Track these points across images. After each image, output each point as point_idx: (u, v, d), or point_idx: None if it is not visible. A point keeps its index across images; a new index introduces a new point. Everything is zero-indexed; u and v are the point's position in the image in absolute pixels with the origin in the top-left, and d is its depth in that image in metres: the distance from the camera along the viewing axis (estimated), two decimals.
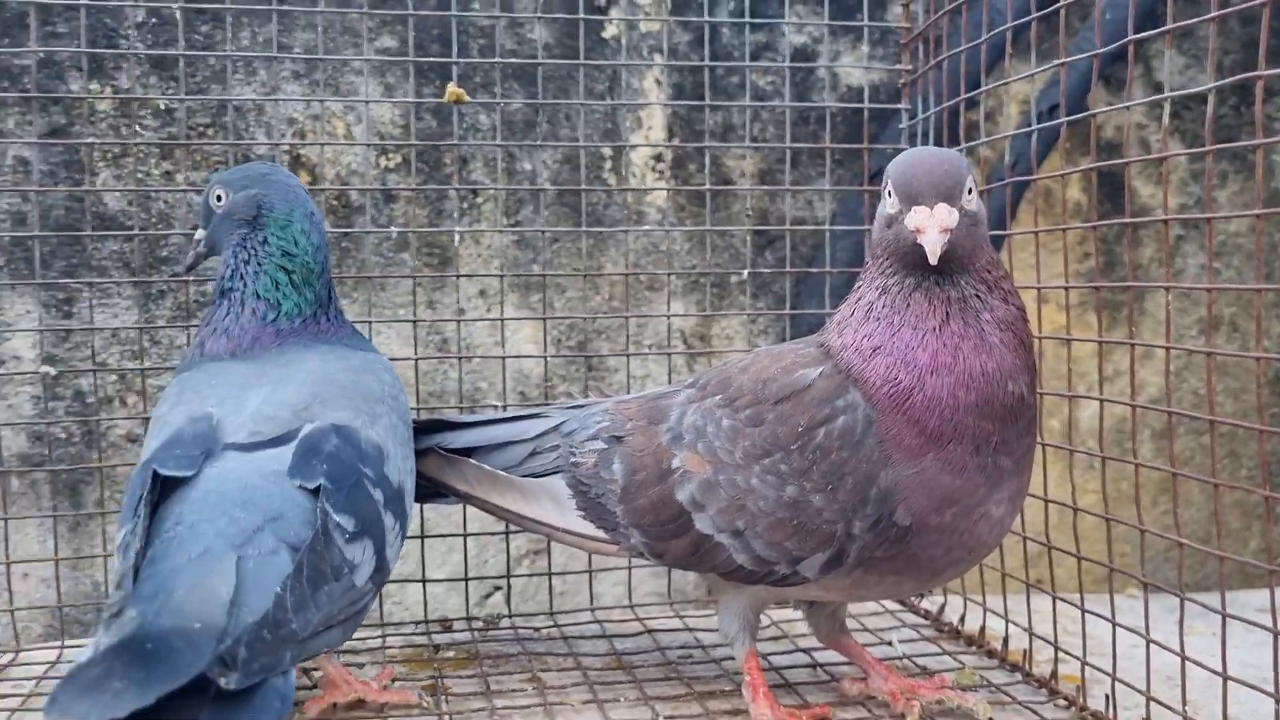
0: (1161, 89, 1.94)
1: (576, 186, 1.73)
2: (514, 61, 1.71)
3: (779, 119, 1.86)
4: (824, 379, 0.98)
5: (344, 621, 0.89)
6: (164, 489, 0.91)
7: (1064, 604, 1.15)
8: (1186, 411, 1.11)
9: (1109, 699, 1.06)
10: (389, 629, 1.32)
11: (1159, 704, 1.02)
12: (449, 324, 1.77)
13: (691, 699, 1.11)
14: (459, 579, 1.42)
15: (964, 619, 1.31)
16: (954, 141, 1.40)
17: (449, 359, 1.76)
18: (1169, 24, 0.95)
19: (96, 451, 1.66)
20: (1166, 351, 1.02)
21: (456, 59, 1.42)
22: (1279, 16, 0.92)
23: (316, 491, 0.91)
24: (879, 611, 1.38)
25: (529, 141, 1.76)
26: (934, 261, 0.90)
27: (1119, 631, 1.08)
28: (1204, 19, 0.92)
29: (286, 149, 1.73)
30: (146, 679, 0.71)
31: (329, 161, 1.74)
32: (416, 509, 1.17)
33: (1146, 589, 1.05)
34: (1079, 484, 1.16)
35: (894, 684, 1.10)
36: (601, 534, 1.08)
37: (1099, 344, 1.11)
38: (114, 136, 1.66)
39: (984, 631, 1.27)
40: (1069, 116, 1.12)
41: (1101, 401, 1.09)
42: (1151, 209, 1.94)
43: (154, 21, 1.67)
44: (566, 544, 1.12)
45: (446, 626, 1.34)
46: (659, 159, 1.87)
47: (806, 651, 1.24)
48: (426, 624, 1.34)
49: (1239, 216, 1.11)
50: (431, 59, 1.66)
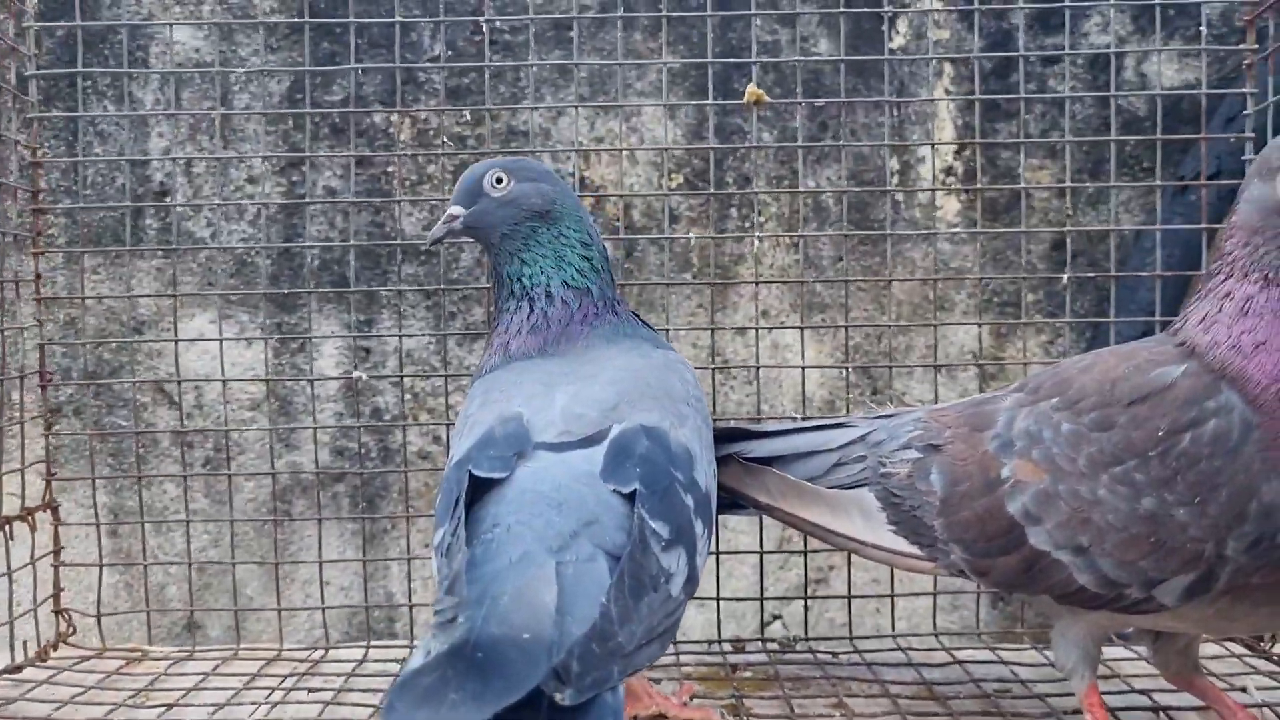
0: None
1: (867, 201, 1.67)
2: (806, 59, 1.67)
3: (1079, 126, 1.74)
4: (1188, 378, 0.88)
5: (662, 634, 0.83)
6: (477, 489, 0.90)
7: None
8: None
9: None
10: (682, 646, 1.29)
11: None
12: (729, 344, 1.74)
13: None
14: (752, 598, 1.37)
15: None
16: None
17: (731, 377, 1.74)
18: None
19: (392, 466, 1.73)
20: None
21: (755, 59, 1.39)
22: None
23: (630, 496, 0.87)
24: (1221, 655, 1.23)
25: (816, 144, 1.71)
26: None
27: None
28: None
29: (570, 171, 1.77)
30: (482, 692, 0.69)
31: (612, 183, 1.76)
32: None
33: None
34: None
35: None
36: (915, 550, 1.00)
37: None
38: (412, 165, 1.74)
39: None
40: None
41: None
42: None
43: (449, 54, 1.74)
44: (875, 560, 1.06)
45: (739, 647, 1.29)
46: (949, 172, 1.79)
47: (1144, 693, 1.11)
48: (720, 643, 1.30)
49: None
50: (724, 60, 1.65)
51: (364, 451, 1.76)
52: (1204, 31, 1.35)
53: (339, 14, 1.71)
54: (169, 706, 1.10)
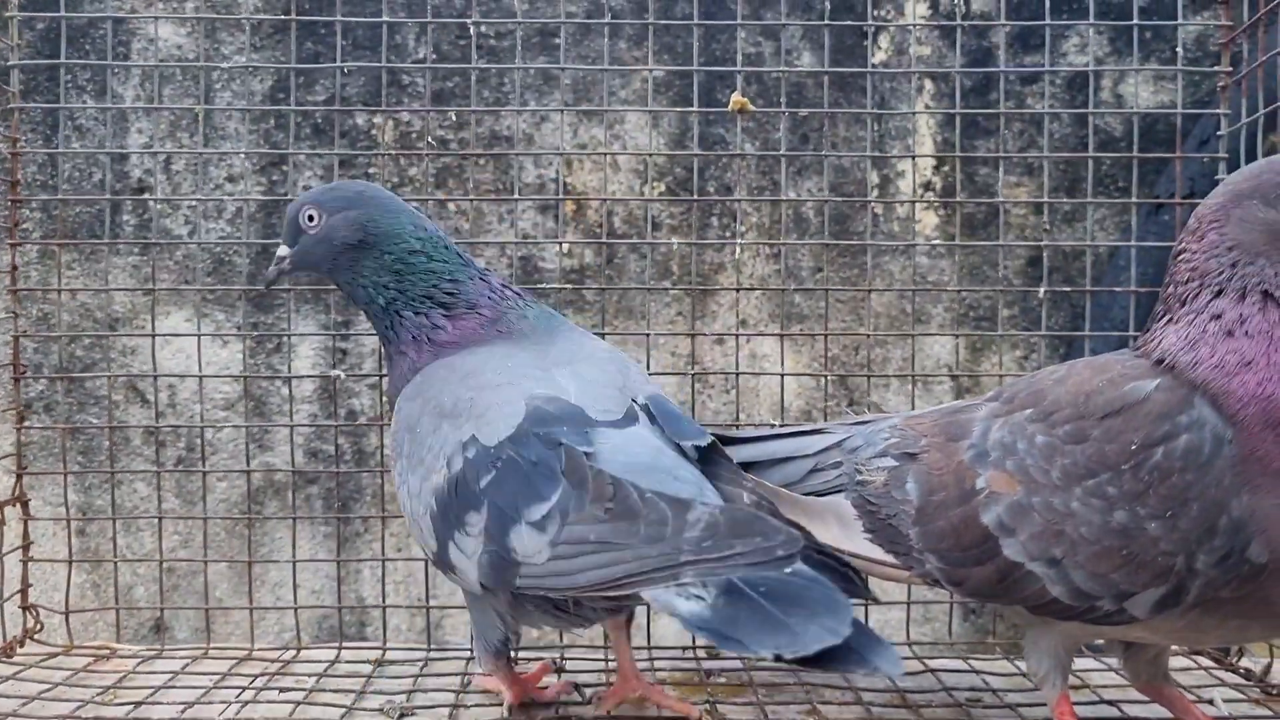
0: None
1: (846, 213, 1.68)
2: (795, 69, 1.68)
3: (1055, 144, 1.76)
4: (1161, 392, 0.88)
5: None
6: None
7: None
8: None
9: None
10: (656, 651, 1.29)
11: None
12: (708, 352, 1.75)
13: None
14: None
15: None
16: (1272, 151, 1.27)
17: (709, 385, 1.74)
18: None
19: (366, 468, 1.72)
20: None
21: (739, 68, 1.40)
22: None
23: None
24: (1190, 667, 1.24)
25: (801, 153, 1.73)
26: None
27: None
28: None
29: (553, 176, 1.77)
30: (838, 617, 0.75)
31: (594, 189, 1.76)
32: None
33: None
34: None
35: None
36: (891, 559, 1.00)
37: None
38: (394, 168, 1.74)
39: None
40: None
41: None
42: None
43: (433, 58, 1.74)
44: (856, 568, 1.06)
45: (713, 653, 1.29)
46: (928, 186, 1.81)
47: (1113, 704, 1.12)
48: (694, 648, 1.30)
49: None
50: (716, 68, 1.65)
51: (339, 453, 1.75)
52: (1179, 53, 1.37)
53: (324, 14, 1.71)
54: (137, 704, 1.09)
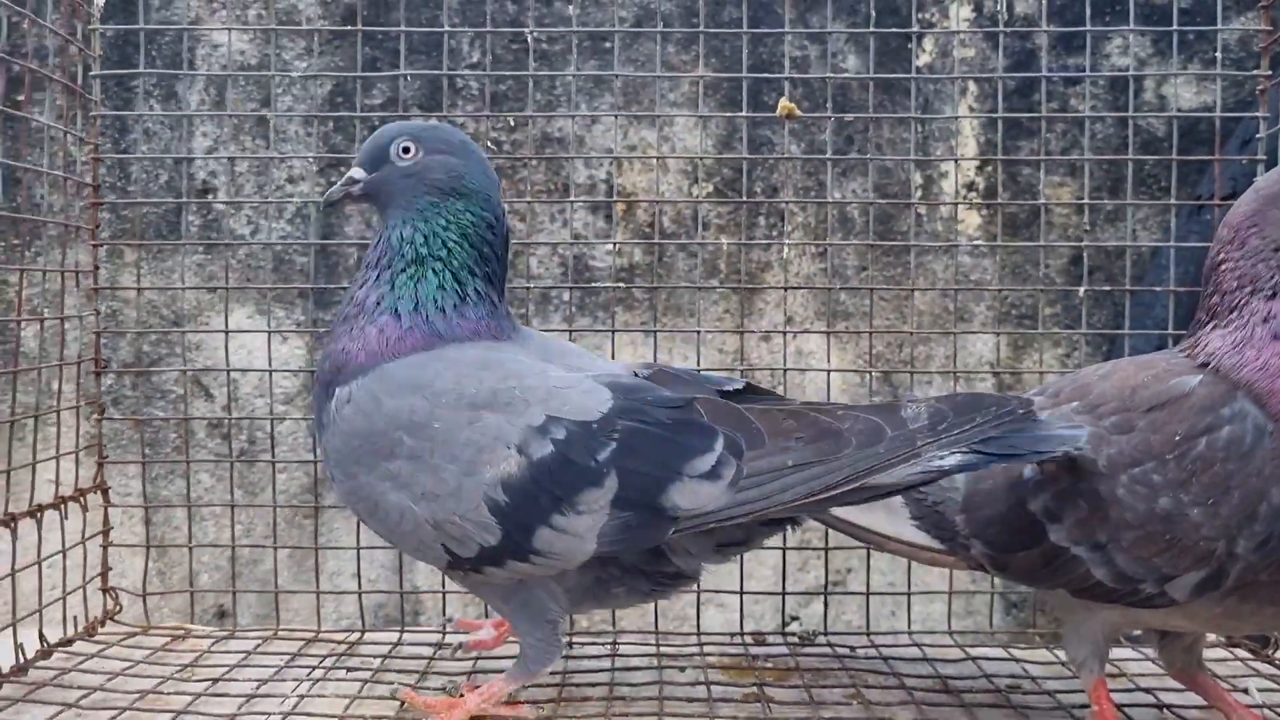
0: None
1: (891, 213, 1.72)
2: (841, 75, 1.71)
3: (1098, 145, 1.78)
4: (1205, 386, 0.92)
5: None
6: None
7: None
8: None
9: None
10: (705, 638, 1.33)
11: None
12: (755, 350, 1.79)
13: None
14: (774, 592, 1.42)
15: None
16: None
17: (756, 381, 1.77)
18: None
19: None
20: None
21: (786, 74, 1.43)
22: None
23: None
24: (1226, 658, 1.27)
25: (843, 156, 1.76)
26: None
27: None
28: None
29: (604, 177, 1.81)
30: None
31: (644, 190, 1.81)
32: None
33: None
34: None
35: None
36: (937, 544, 1.04)
37: None
38: None
39: None
40: None
41: None
42: None
43: (488, 61, 1.79)
44: (898, 553, 1.10)
45: (760, 640, 1.33)
46: (971, 187, 1.83)
47: (1149, 691, 1.15)
48: (742, 635, 1.34)
49: None
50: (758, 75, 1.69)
51: None
52: (1219, 56, 1.39)
53: (383, 21, 1.77)
54: (214, 681, 1.15)
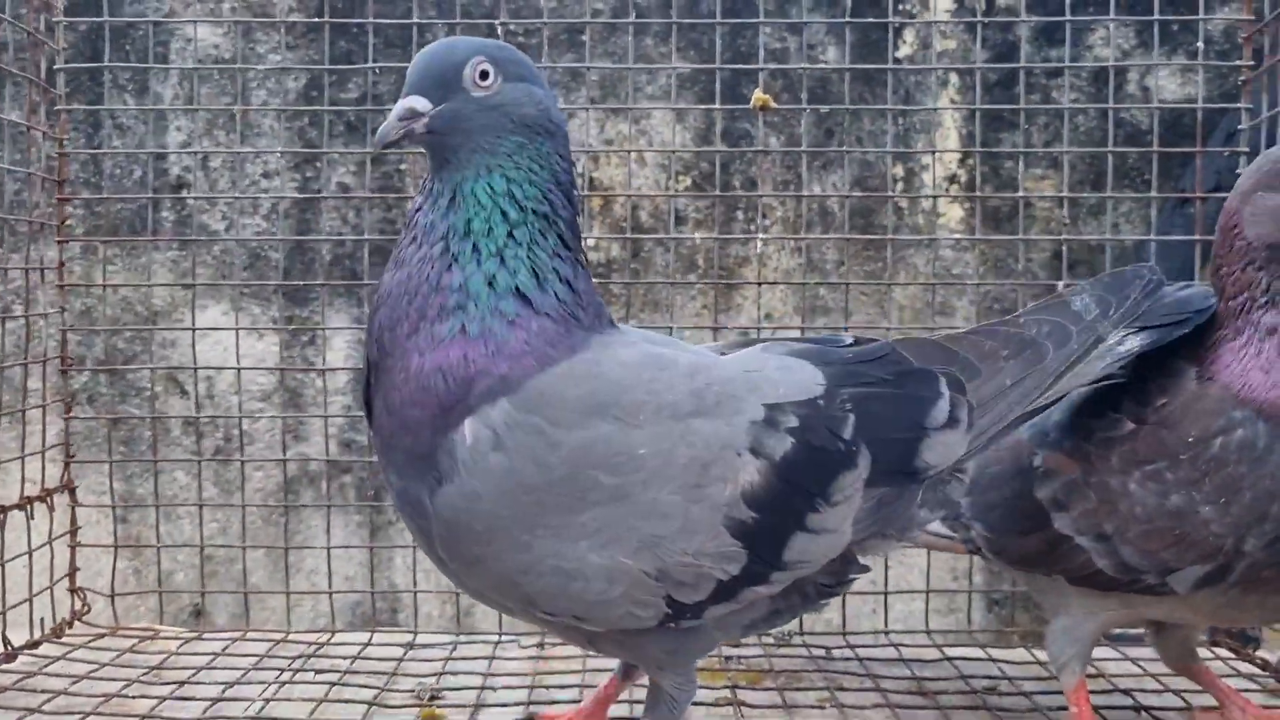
0: None
1: (871, 206, 1.70)
2: (815, 67, 1.70)
3: (1080, 138, 1.77)
4: (1218, 389, 0.92)
5: None
6: None
7: None
8: None
9: None
10: None
11: None
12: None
13: None
14: None
15: None
16: None
17: None
18: None
19: None
20: None
21: (761, 65, 1.42)
22: None
23: None
24: (1208, 658, 1.26)
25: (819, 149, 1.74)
26: None
27: None
28: None
29: (580, 171, 1.80)
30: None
31: (620, 184, 1.79)
32: None
33: None
34: None
35: (1253, 714, 1.03)
36: (940, 526, 1.04)
37: None
38: (425, 164, 1.77)
39: None
40: None
41: None
42: None
43: None
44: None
45: (733, 641, 1.31)
46: (952, 180, 1.82)
47: (1128, 693, 1.14)
48: None
49: None
50: (736, 67, 1.68)
51: (372, 444, 1.79)
52: (1201, 48, 1.37)
53: (356, 14, 1.75)
54: (181, 684, 1.13)
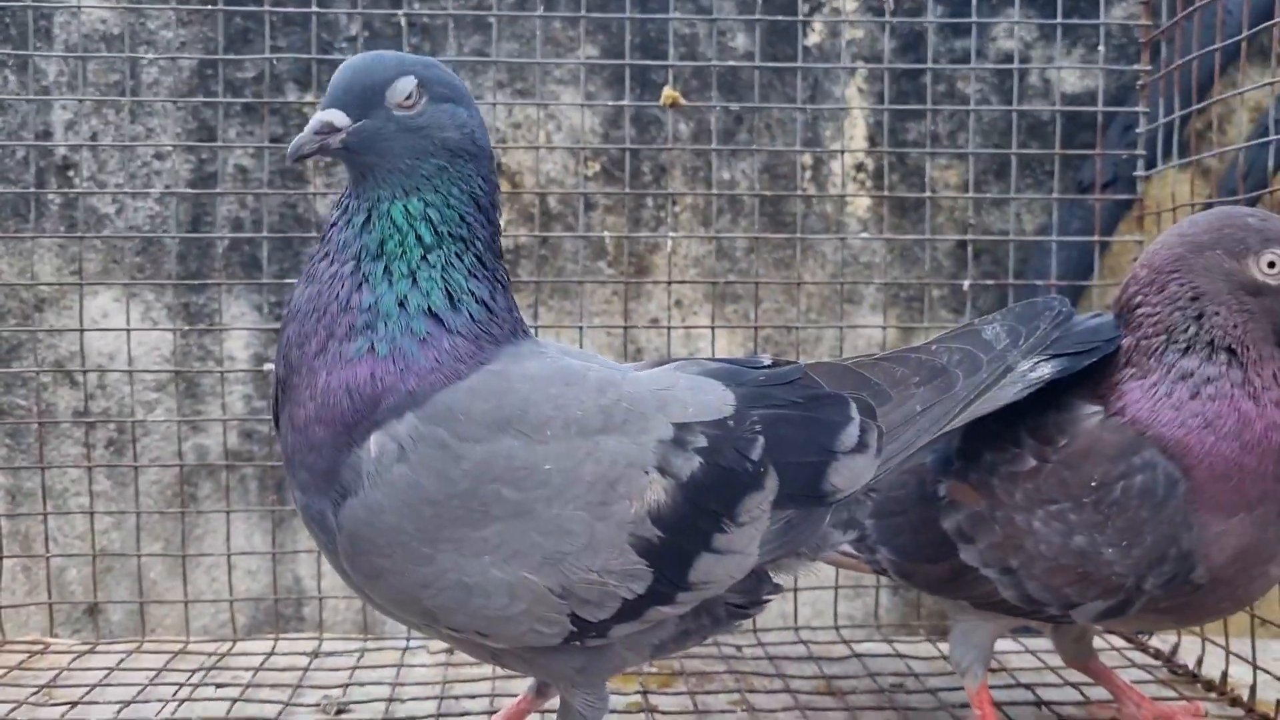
0: None
1: (780, 194, 1.70)
2: (726, 64, 1.68)
3: (985, 128, 1.79)
4: (1117, 433, 0.92)
5: None
6: None
7: None
8: None
9: None
10: None
11: None
12: (643, 332, 1.76)
13: None
14: None
15: (1201, 662, 1.22)
16: (1185, 151, 1.32)
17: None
18: None
19: None
20: None
21: (672, 62, 1.40)
22: None
23: None
24: (1104, 648, 1.30)
25: (730, 146, 1.74)
26: None
27: None
28: None
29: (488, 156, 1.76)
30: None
31: (529, 170, 1.76)
32: None
33: None
34: None
35: (1147, 710, 1.06)
36: (848, 547, 1.04)
37: None
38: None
39: (1226, 678, 1.17)
40: None
41: None
42: None
43: (366, 35, 1.72)
44: None
45: (644, 660, 1.31)
46: (860, 168, 1.83)
47: (1029, 687, 1.17)
48: None
49: None
50: (651, 63, 1.65)
51: (273, 434, 1.74)
52: (1102, 50, 1.39)
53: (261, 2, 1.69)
54: (73, 704, 1.09)
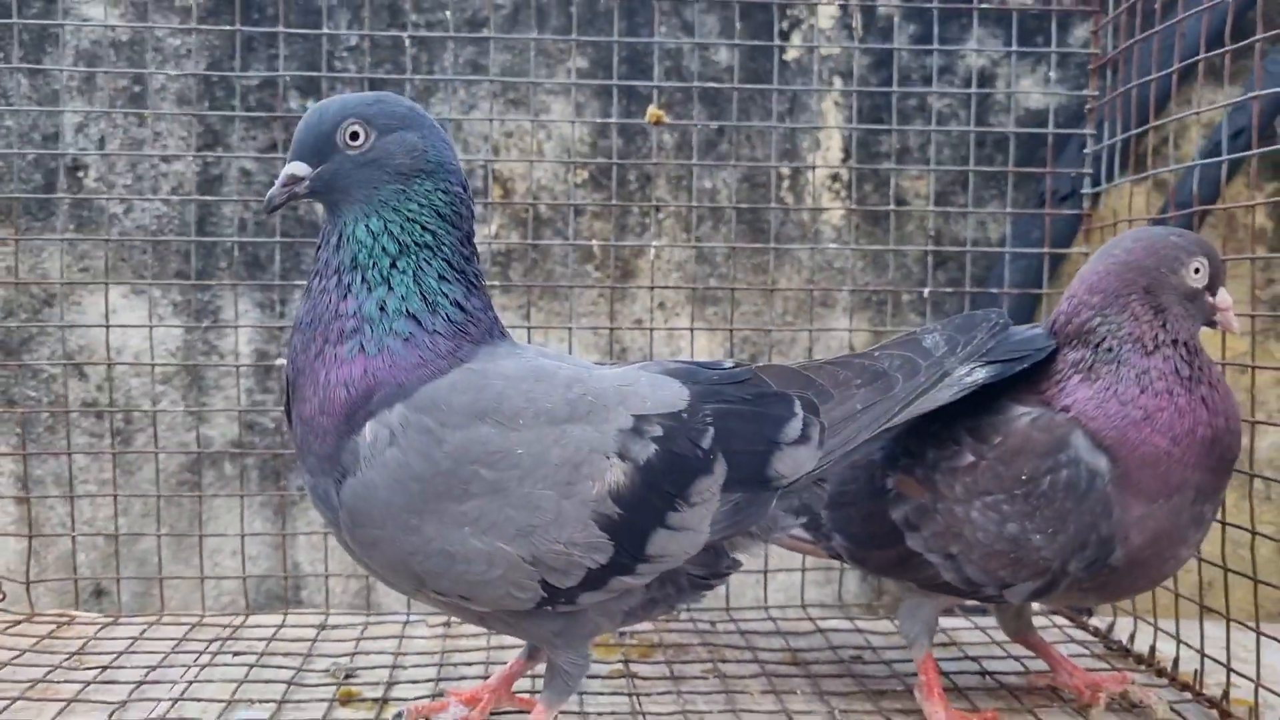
0: None
1: (758, 205, 1.80)
2: (709, 85, 1.78)
3: (954, 142, 1.89)
4: (1044, 432, 1.03)
5: None
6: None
7: (1238, 630, 1.16)
8: None
9: None
10: None
11: None
12: (628, 333, 1.86)
13: (864, 696, 1.16)
14: None
15: (1133, 638, 1.33)
16: (1139, 166, 1.42)
17: (631, 363, 1.84)
18: None
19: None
20: None
21: (658, 83, 1.50)
22: None
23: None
24: (1047, 626, 1.41)
25: (712, 162, 1.84)
26: (1239, 333, 1.05)
27: None
28: None
29: (481, 163, 1.85)
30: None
31: (520, 177, 1.86)
32: None
33: None
34: (1257, 515, 1.17)
35: (1080, 678, 1.17)
36: (804, 534, 1.15)
37: None
38: None
39: (1154, 652, 1.28)
40: (1262, 146, 1.13)
41: None
42: None
43: (366, 44, 1.81)
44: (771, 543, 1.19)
45: (617, 627, 1.41)
46: (835, 179, 1.93)
47: (975, 660, 1.27)
48: None
49: None
50: (638, 83, 1.75)
51: (274, 427, 1.83)
52: (1051, 76, 1.49)
53: (265, 11, 1.77)
54: (103, 668, 1.19)
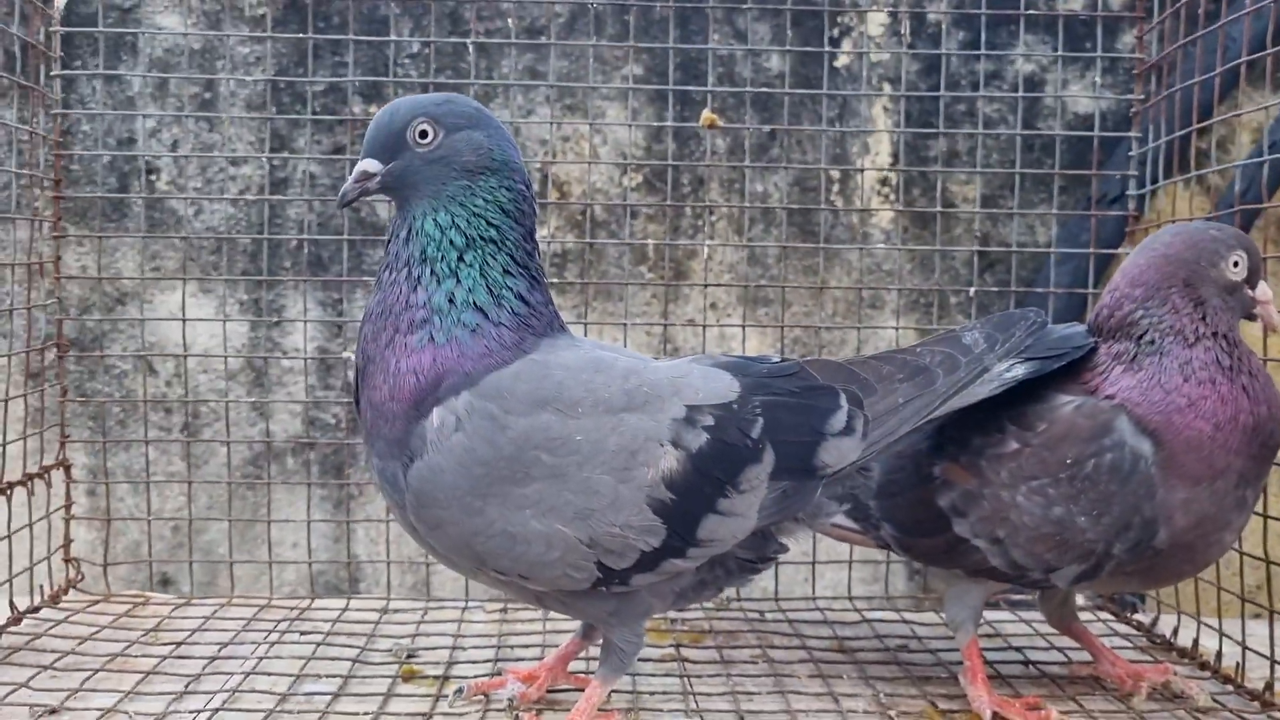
0: None
1: (809, 207, 1.84)
2: (761, 90, 1.82)
3: (1003, 146, 1.91)
4: (1089, 418, 1.06)
5: None
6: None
7: None
8: None
9: None
10: None
11: None
12: (680, 332, 1.90)
13: (909, 682, 1.19)
14: None
15: (1176, 633, 1.34)
16: (1184, 168, 1.44)
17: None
18: None
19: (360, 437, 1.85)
20: None
21: (711, 88, 1.54)
22: None
23: None
24: (1092, 620, 1.42)
25: (763, 165, 1.87)
26: (1277, 328, 1.07)
27: None
28: None
29: (538, 166, 1.90)
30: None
31: (576, 180, 1.90)
32: None
33: None
34: None
35: (1122, 668, 1.19)
36: (852, 524, 1.18)
37: None
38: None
39: (1196, 645, 1.30)
40: None
41: None
42: None
43: (426, 52, 1.87)
44: (820, 532, 1.22)
45: (669, 607, 1.45)
46: (884, 182, 1.95)
47: (1019, 650, 1.30)
48: None
49: None
50: (691, 88, 1.79)
51: (335, 422, 1.89)
52: (1098, 81, 1.51)
53: (324, 10, 1.84)
54: (178, 644, 1.24)
